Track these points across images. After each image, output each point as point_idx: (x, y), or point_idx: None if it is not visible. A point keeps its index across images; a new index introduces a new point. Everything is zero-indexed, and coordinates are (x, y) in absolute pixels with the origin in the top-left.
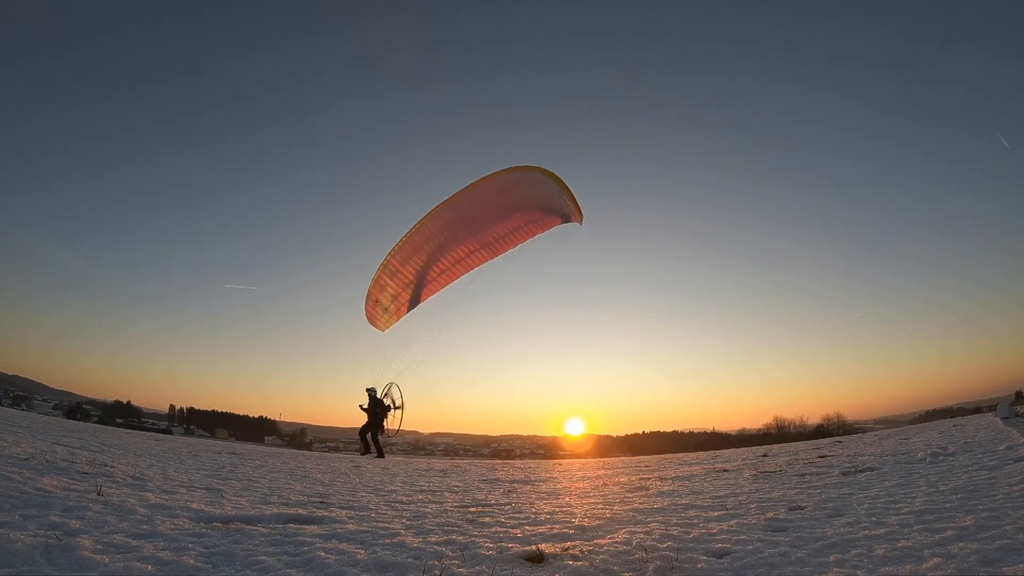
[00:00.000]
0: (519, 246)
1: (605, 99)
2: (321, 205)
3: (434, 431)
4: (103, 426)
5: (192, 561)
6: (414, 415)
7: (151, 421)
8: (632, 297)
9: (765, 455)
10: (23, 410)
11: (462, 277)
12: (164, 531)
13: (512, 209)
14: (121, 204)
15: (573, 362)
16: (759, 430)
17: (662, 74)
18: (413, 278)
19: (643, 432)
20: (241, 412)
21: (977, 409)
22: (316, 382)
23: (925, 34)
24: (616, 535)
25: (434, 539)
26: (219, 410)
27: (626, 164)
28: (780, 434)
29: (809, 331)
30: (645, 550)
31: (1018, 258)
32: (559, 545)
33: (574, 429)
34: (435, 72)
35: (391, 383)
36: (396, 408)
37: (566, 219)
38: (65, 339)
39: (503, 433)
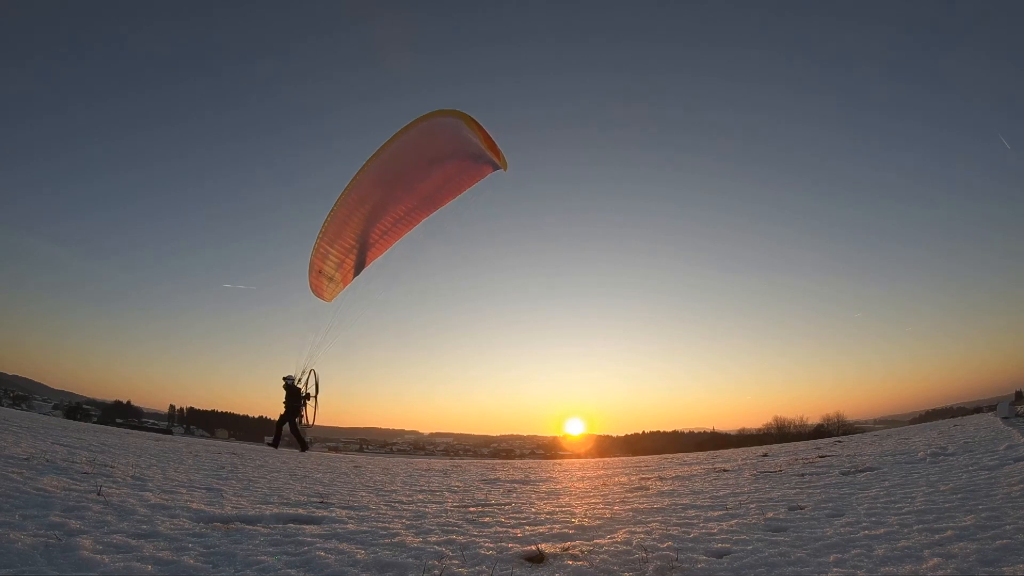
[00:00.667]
0: (458, 198)
1: (605, 100)
2: (321, 206)
3: (434, 431)
4: (103, 426)
5: (192, 561)
6: (414, 415)
7: (151, 421)
8: (632, 297)
9: (765, 455)
10: (23, 410)
11: (406, 236)
12: (164, 531)
13: (441, 159)
14: (122, 205)
15: (573, 362)
16: (759, 430)
17: (663, 76)
18: (355, 242)
19: (643, 432)
20: (241, 412)
21: (977, 409)
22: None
23: (925, 35)
24: (616, 535)
25: (434, 539)
26: (219, 410)
27: (626, 165)
28: (780, 434)
29: (809, 331)
30: (645, 550)
31: (1018, 259)
32: (559, 545)
33: (574, 429)
34: (438, 73)
35: (311, 370)
36: (312, 397)
37: (494, 166)
38: (65, 339)
39: (503, 433)
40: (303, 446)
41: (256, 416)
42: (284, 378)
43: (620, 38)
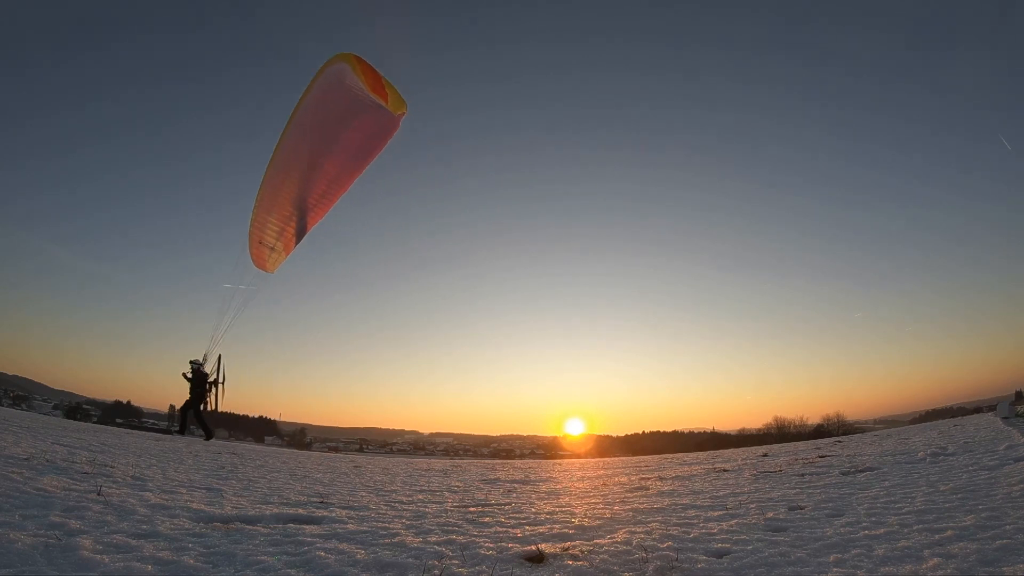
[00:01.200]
0: (385, 148)
1: (606, 101)
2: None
3: (434, 431)
4: (103, 426)
5: (192, 561)
6: (414, 415)
7: (151, 421)
8: (632, 297)
9: (765, 455)
10: (23, 410)
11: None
12: (164, 531)
13: (349, 111)
14: (122, 205)
15: (573, 362)
16: (759, 430)
17: (662, 76)
18: (293, 209)
19: (643, 432)
20: (241, 412)
21: (977, 409)
22: (316, 382)
23: (924, 36)
24: (616, 535)
25: (434, 539)
26: (219, 410)
27: (627, 166)
28: (780, 434)
29: (809, 331)
30: (645, 550)
31: (1018, 259)
32: (559, 545)
33: (574, 429)
34: (439, 73)
35: (218, 355)
36: (220, 383)
37: (385, 110)
38: (65, 339)
39: (503, 433)
40: (208, 434)
41: (256, 416)
42: (191, 362)
43: (620, 39)
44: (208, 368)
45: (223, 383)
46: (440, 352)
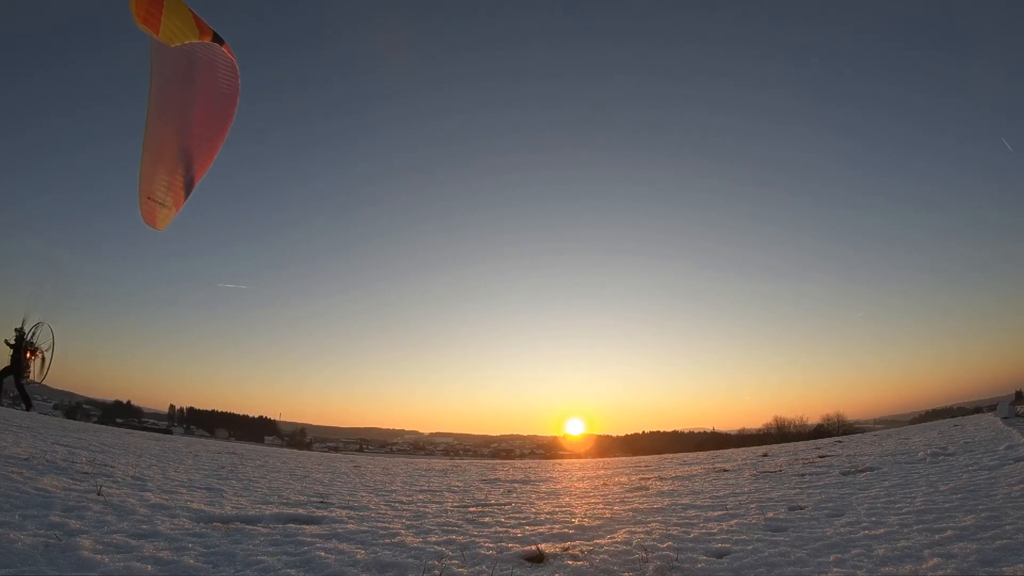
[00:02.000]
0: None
1: (605, 102)
2: (311, 207)
3: (434, 431)
4: (103, 426)
5: (192, 561)
6: (414, 415)
7: (151, 421)
8: (632, 297)
9: (765, 455)
10: (23, 410)
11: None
12: (164, 531)
13: (185, 50)
14: (123, 207)
15: (573, 362)
16: (759, 430)
17: (661, 78)
18: (178, 160)
19: (643, 432)
20: (241, 412)
21: (977, 409)
22: (316, 382)
23: (925, 36)
24: (616, 535)
25: (434, 539)
26: (219, 410)
27: (625, 167)
28: (780, 434)
29: (809, 331)
30: (645, 550)
31: (1019, 260)
32: (559, 545)
33: (574, 429)
34: (438, 75)
35: (41, 323)
36: (38, 351)
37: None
38: (66, 339)
39: (503, 433)
40: (27, 404)
41: (256, 416)
42: (16, 329)
43: (619, 40)
44: (33, 336)
45: (46, 352)
46: (440, 352)
